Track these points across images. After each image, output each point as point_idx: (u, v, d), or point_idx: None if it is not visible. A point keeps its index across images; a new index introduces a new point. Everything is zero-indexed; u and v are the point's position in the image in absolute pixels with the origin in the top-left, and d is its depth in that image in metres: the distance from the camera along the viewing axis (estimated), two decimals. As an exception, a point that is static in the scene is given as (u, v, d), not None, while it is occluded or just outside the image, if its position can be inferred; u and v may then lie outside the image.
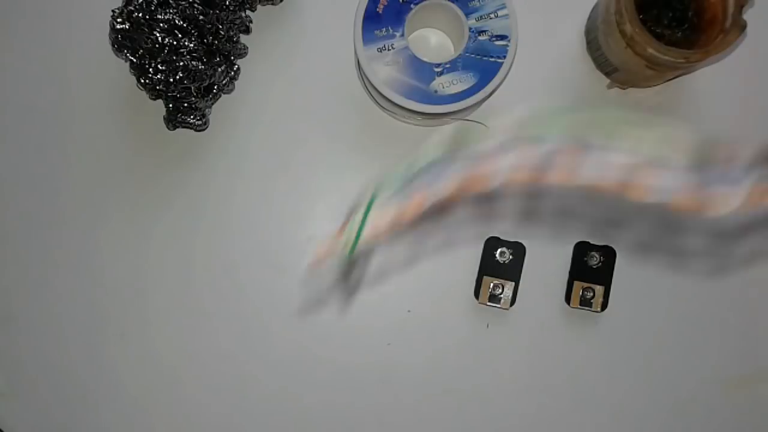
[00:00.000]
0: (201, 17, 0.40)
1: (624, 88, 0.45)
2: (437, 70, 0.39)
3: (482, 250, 0.43)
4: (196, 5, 0.40)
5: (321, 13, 0.45)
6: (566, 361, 0.44)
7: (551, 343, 0.44)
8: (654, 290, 0.44)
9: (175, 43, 0.40)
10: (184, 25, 0.40)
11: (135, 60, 0.40)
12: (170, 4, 0.40)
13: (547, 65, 0.45)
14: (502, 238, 0.43)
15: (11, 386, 0.44)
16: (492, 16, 0.40)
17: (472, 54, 0.39)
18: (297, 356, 0.43)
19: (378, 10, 0.39)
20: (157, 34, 0.39)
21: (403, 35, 0.40)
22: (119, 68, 0.44)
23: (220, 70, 0.41)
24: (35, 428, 0.44)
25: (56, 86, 0.45)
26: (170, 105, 0.41)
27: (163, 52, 0.40)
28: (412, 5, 0.40)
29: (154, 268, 0.44)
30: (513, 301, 0.42)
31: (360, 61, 0.40)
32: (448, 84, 0.39)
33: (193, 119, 0.42)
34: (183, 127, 0.43)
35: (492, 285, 0.42)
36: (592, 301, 0.42)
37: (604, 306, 0.43)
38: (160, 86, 0.40)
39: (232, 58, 0.43)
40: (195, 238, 0.44)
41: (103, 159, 0.45)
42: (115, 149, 0.45)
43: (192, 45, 0.40)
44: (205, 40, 0.41)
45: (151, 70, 0.40)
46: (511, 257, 0.43)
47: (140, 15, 0.39)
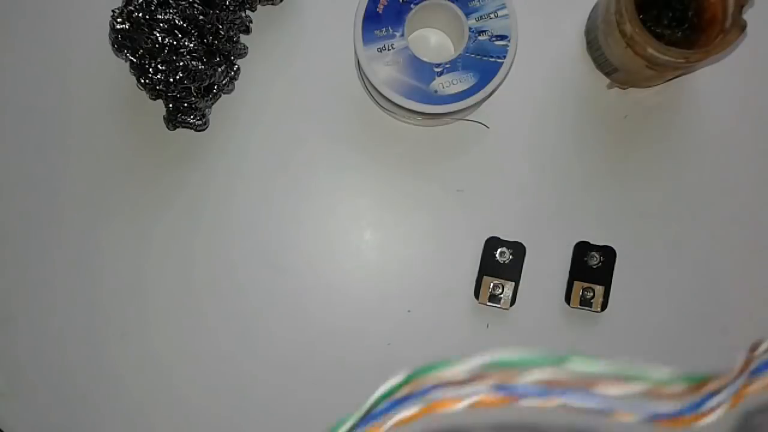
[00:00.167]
0: (201, 17, 0.40)
1: (624, 88, 0.45)
2: (437, 70, 0.39)
3: (482, 250, 0.43)
4: (196, 5, 0.40)
5: (321, 13, 0.45)
6: (566, 361, 0.44)
7: (551, 343, 0.44)
8: (654, 290, 0.44)
9: (175, 43, 0.40)
10: (184, 25, 0.40)
11: (135, 60, 0.40)
12: (170, 4, 0.40)
13: (547, 65, 0.45)
14: (502, 238, 0.43)
15: (11, 386, 0.44)
16: (492, 16, 0.40)
17: (472, 54, 0.39)
18: (297, 356, 0.43)
19: (378, 10, 0.39)
20: (157, 34, 0.39)
21: (403, 35, 0.40)
22: (119, 68, 0.44)
23: (220, 70, 0.41)
24: (35, 428, 0.44)
25: (56, 86, 0.45)
26: (170, 105, 0.41)
27: (163, 52, 0.40)
28: (412, 5, 0.40)
29: (154, 268, 0.44)
30: (513, 301, 0.42)
31: (360, 61, 0.40)
32: (448, 84, 0.39)
33: (193, 119, 0.42)
34: (183, 127, 0.43)
35: (492, 285, 0.42)
36: (592, 301, 0.42)
37: (604, 306, 0.43)
38: (160, 86, 0.40)
39: (232, 58, 0.43)
40: (195, 238, 0.44)
41: (103, 159, 0.45)
42: (115, 149, 0.45)
43: (192, 45, 0.40)
44: (205, 40, 0.41)
45: (151, 70, 0.40)
46: (511, 257, 0.43)
47: (140, 15, 0.39)
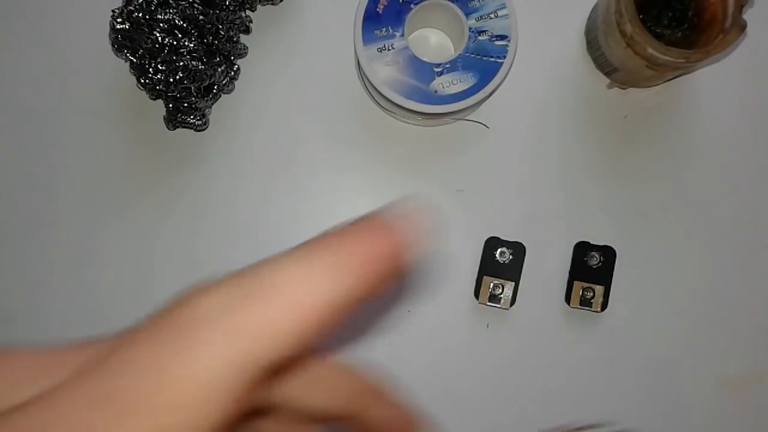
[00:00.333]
0: (201, 17, 0.40)
1: (624, 88, 0.45)
2: (437, 70, 0.39)
3: (482, 250, 0.43)
4: (196, 5, 0.40)
5: (321, 13, 0.45)
6: (566, 361, 0.44)
7: (551, 343, 0.44)
8: (654, 290, 0.44)
9: (175, 43, 0.40)
10: (184, 25, 0.40)
11: (135, 60, 0.40)
12: (170, 4, 0.40)
13: (547, 65, 0.45)
14: (502, 238, 0.43)
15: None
16: (492, 16, 0.40)
17: (472, 54, 0.39)
18: (297, 356, 0.43)
19: (378, 10, 0.39)
20: (157, 34, 0.39)
21: (403, 35, 0.40)
22: (119, 68, 0.44)
23: (220, 70, 0.41)
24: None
25: (56, 86, 0.45)
26: (170, 105, 0.41)
27: (163, 52, 0.40)
28: (412, 5, 0.40)
29: (155, 268, 0.44)
30: (513, 301, 0.42)
31: (360, 61, 0.40)
32: (448, 84, 0.39)
33: (193, 119, 0.42)
34: (183, 127, 0.43)
35: (492, 285, 0.42)
36: (592, 301, 0.42)
37: (604, 306, 0.43)
38: (160, 86, 0.40)
39: (232, 58, 0.43)
40: (195, 238, 0.44)
41: (103, 159, 0.45)
42: (114, 149, 0.45)
43: (192, 45, 0.40)
44: (205, 40, 0.41)
45: (151, 70, 0.40)
46: (511, 257, 0.43)
47: (140, 15, 0.39)
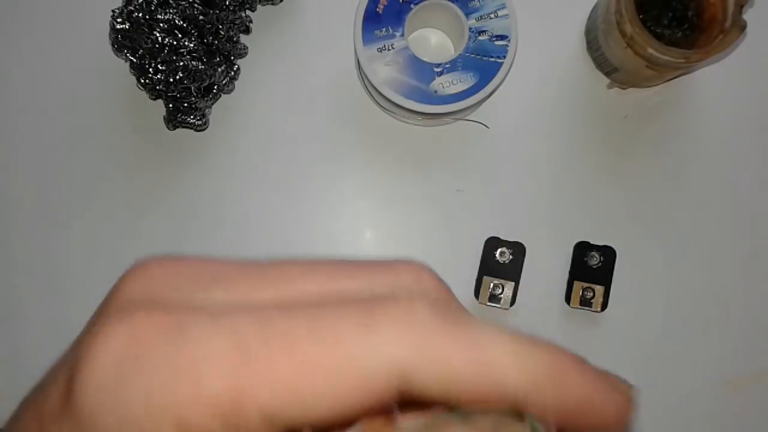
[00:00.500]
0: (201, 17, 0.40)
1: (624, 88, 0.45)
2: (437, 70, 0.39)
3: (482, 250, 0.43)
4: (196, 5, 0.40)
5: (321, 13, 0.45)
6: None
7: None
8: (654, 290, 0.44)
9: (175, 43, 0.40)
10: (184, 25, 0.40)
11: (135, 60, 0.40)
12: (170, 4, 0.40)
13: (547, 65, 0.45)
14: (502, 238, 0.43)
15: (11, 386, 0.44)
16: (492, 16, 0.40)
17: (472, 54, 0.39)
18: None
19: (378, 10, 0.39)
20: (157, 34, 0.39)
21: (403, 35, 0.40)
22: (119, 68, 0.43)
23: (220, 70, 0.41)
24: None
25: (56, 86, 0.45)
26: (170, 105, 0.41)
27: (163, 52, 0.40)
28: (412, 5, 0.40)
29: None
30: (513, 301, 0.42)
31: (360, 61, 0.40)
32: (448, 84, 0.39)
33: (193, 119, 0.42)
34: (183, 127, 0.43)
35: (492, 285, 0.42)
36: (592, 301, 0.42)
37: (604, 306, 0.42)
38: (160, 86, 0.40)
39: (232, 58, 0.43)
40: (195, 238, 0.44)
41: (103, 159, 0.45)
42: (114, 149, 0.45)
43: (192, 45, 0.40)
44: (205, 40, 0.41)
45: (151, 70, 0.40)
46: (511, 257, 0.43)
47: (140, 15, 0.39)
